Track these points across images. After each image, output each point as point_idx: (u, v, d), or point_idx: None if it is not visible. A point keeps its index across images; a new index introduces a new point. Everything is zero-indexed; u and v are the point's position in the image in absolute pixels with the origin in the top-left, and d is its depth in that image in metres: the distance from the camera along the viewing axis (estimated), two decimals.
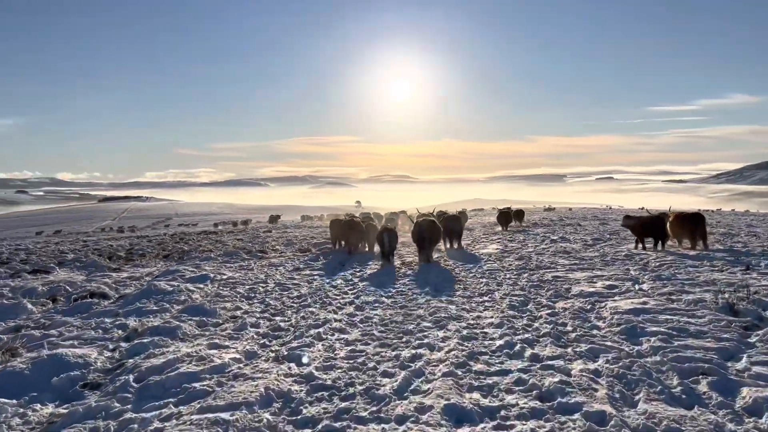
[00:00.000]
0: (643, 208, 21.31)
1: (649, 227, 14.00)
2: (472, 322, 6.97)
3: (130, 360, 5.42)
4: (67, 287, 9.87)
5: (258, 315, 7.60)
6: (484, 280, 10.23)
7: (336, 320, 7.16)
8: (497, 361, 5.37)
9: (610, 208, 63.77)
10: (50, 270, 14.44)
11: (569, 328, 6.53)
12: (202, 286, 9.89)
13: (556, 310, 7.46)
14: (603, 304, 7.64)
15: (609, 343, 5.81)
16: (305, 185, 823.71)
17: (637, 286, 8.98)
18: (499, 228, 23.12)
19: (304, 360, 5.38)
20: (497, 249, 15.51)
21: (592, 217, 29.62)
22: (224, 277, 11.15)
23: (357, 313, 7.65)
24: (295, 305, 8.29)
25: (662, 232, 13.76)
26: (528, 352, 5.58)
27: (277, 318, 7.41)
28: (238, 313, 7.75)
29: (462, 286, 9.61)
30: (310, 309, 7.89)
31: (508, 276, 10.60)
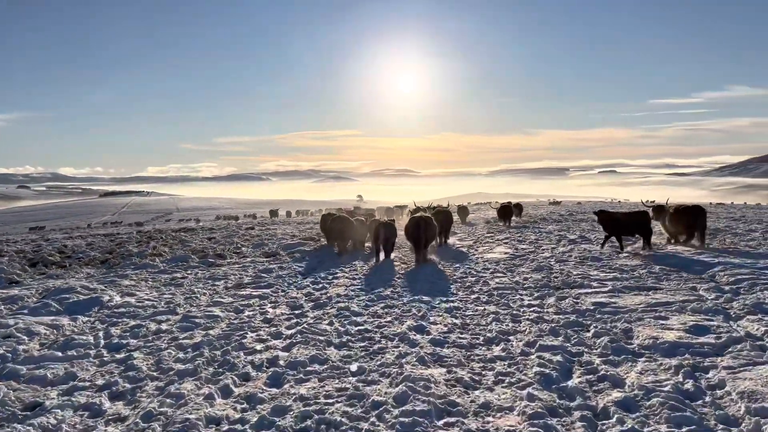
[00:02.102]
0: (652, 201, 18.78)
1: (630, 223, 11.98)
2: (474, 427, 3.57)
3: None
4: None
5: (77, 404, 4.05)
6: (492, 308, 6.90)
7: (210, 421, 3.71)
8: None
9: (620, 202, 60.39)
10: None
11: None
12: (66, 322, 6.47)
13: (632, 394, 4.03)
14: (714, 379, 4.28)
15: None
16: (308, 180, 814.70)
17: (737, 327, 5.65)
18: (502, 223, 21.60)
19: None
20: (506, 254, 12.16)
21: None
22: (123, 301, 7.75)
23: (265, 395, 4.16)
24: (173, 370, 4.80)
25: (647, 228, 11.83)
26: None
27: (107, 412, 3.90)
28: (43, 398, 4.22)
29: (459, 322, 6.28)
30: (186, 386, 4.35)
31: (526, 301, 7.29)
